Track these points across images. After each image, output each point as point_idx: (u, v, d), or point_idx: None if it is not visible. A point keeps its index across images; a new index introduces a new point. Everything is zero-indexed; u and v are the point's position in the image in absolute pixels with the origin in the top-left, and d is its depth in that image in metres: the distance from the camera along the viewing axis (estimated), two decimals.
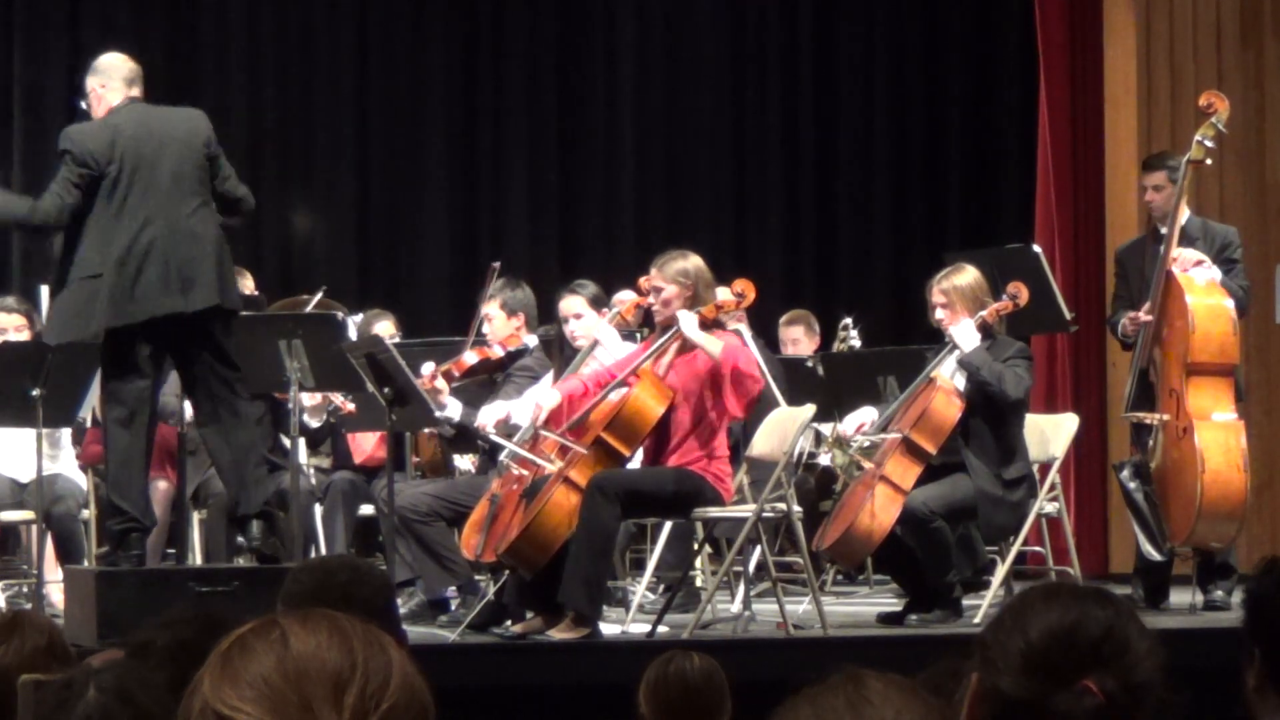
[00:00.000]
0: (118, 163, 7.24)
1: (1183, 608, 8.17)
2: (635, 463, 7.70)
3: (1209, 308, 8.12)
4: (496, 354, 8.64)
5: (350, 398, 8.94)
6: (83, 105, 7.58)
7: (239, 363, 7.44)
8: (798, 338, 10.41)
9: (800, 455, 8.47)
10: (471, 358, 8.63)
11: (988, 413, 7.90)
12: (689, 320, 7.47)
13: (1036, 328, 9.69)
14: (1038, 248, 9.59)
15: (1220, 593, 8.20)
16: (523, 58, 12.17)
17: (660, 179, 12.33)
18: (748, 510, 7.53)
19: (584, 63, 12.32)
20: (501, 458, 7.86)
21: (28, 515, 8.57)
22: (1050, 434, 8.24)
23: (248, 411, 7.57)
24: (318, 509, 8.98)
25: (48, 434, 8.20)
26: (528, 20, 12.19)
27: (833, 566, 9.43)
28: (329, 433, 9.38)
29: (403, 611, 7.61)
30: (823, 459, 9.08)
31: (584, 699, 6.17)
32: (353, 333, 8.80)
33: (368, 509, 9.01)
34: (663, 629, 7.51)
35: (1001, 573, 7.99)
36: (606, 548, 7.37)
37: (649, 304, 7.80)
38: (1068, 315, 9.22)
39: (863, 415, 8.14)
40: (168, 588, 7.11)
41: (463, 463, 9.09)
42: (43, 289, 9.62)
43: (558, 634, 7.10)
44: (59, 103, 11.36)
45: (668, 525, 8.49)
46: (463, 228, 12.06)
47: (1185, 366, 8.10)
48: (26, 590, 8.77)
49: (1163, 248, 8.25)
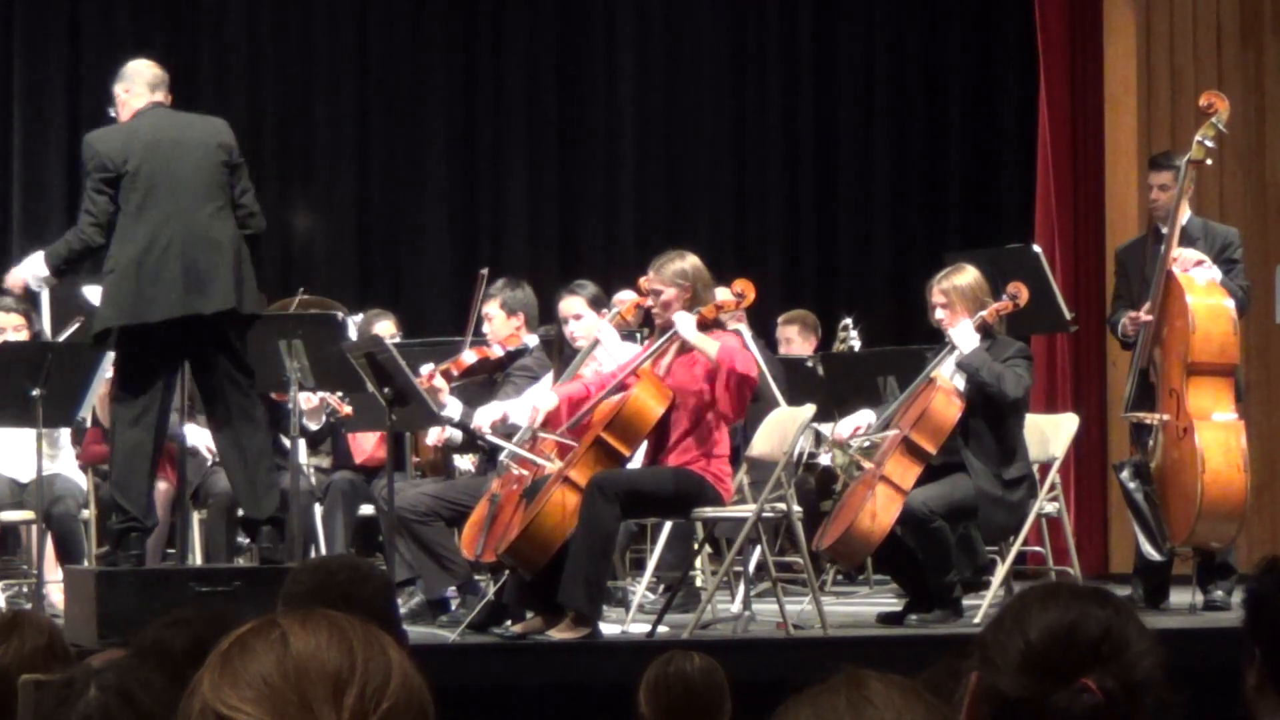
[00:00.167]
0: (135, 164, 7.28)
1: (1183, 608, 8.17)
2: (635, 463, 7.70)
3: (1209, 308, 8.12)
4: (496, 354, 8.64)
5: (347, 399, 8.93)
6: (111, 113, 7.65)
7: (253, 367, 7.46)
8: (791, 337, 10.40)
9: (800, 455, 8.47)
10: (470, 357, 8.62)
11: (987, 413, 7.89)
12: (686, 322, 7.48)
13: (1036, 328, 9.69)
14: (1038, 248, 9.59)
15: (1220, 593, 8.20)
16: (523, 58, 12.17)
17: (660, 179, 12.32)
18: (748, 510, 7.52)
19: (584, 63, 12.32)
20: (501, 458, 7.86)
21: (28, 515, 8.57)
22: (1050, 434, 8.23)
23: (261, 417, 7.56)
24: (318, 509, 8.98)
25: (47, 434, 8.20)
26: (528, 20, 12.19)
27: (833, 566, 9.43)
28: (328, 433, 9.38)
29: (403, 611, 7.60)
30: (823, 459, 9.08)
31: (584, 699, 6.17)
32: (353, 333, 8.80)
33: (368, 509, 9.01)
34: (663, 629, 7.51)
35: (1001, 573, 7.99)
36: (606, 548, 7.37)
37: (649, 304, 7.80)
38: (1068, 315, 9.23)
39: (859, 419, 8.14)
40: (168, 588, 7.11)
41: (463, 463, 9.09)
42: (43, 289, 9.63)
43: (558, 634, 7.10)
44: (59, 105, 11.37)
45: (668, 525, 8.49)
46: (463, 228, 12.06)
47: (1185, 366, 8.10)
48: (26, 590, 8.76)
49: (1163, 248, 8.26)
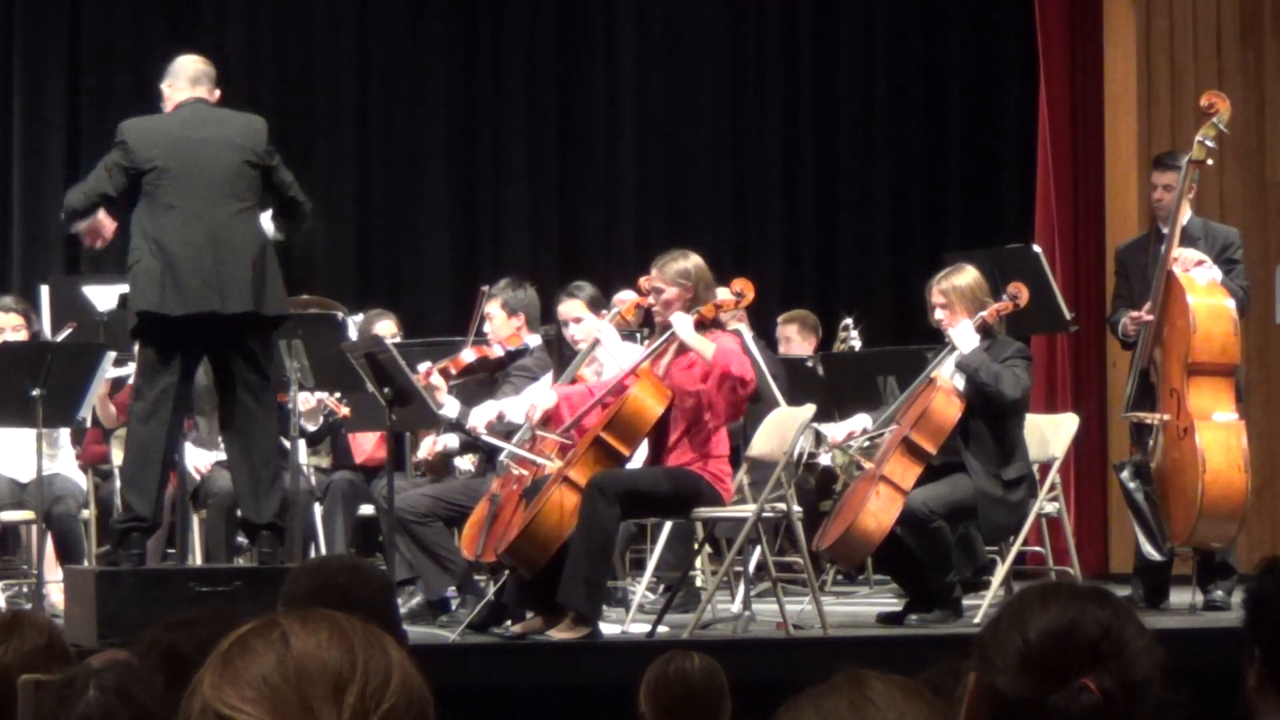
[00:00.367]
0: (161, 161, 7.29)
1: (1183, 608, 8.17)
2: (635, 463, 7.70)
3: (1210, 308, 8.11)
4: (496, 353, 8.64)
5: (345, 400, 8.92)
6: (163, 109, 7.69)
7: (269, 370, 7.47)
8: (791, 336, 10.40)
9: (800, 455, 8.47)
10: (469, 356, 8.63)
11: (987, 413, 7.89)
12: (683, 323, 7.47)
13: (1036, 328, 9.69)
14: (1038, 248, 9.59)
15: (1220, 593, 8.20)
16: (523, 58, 12.16)
17: (660, 179, 12.32)
18: (748, 510, 7.52)
19: (584, 63, 12.31)
20: (501, 458, 7.86)
21: (28, 515, 8.57)
22: (1050, 434, 8.23)
23: (272, 423, 7.56)
24: (318, 509, 8.97)
25: (46, 434, 8.20)
26: (528, 20, 12.18)
27: (833, 566, 9.42)
28: (327, 433, 9.37)
29: (403, 611, 7.60)
30: (823, 459, 9.08)
31: (584, 699, 6.16)
32: (353, 333, 8.80)
33: (368, 509, 9.00)
34: (663, 629, 7.51)
35: (1001, 573, 7.99)
36: (606, 548, 7.36)
37: (649, 304, 7.79)
38: (1068, 315, 9.23)
39: (854, 423, 8.14)
40: (168, 588, 7.10)
41: (463, 463, 9.08)
42: (43, 289, 9.64)
43: (558, 634, 7.10)
44: (59, 108, 11.36)
45: (668, 525, 8.49)
46: (463, 228, 12.05)
47: (1186, 366, 8.09)
48: (26, 590, 8.76)
49: (1164, 248, 8.26)
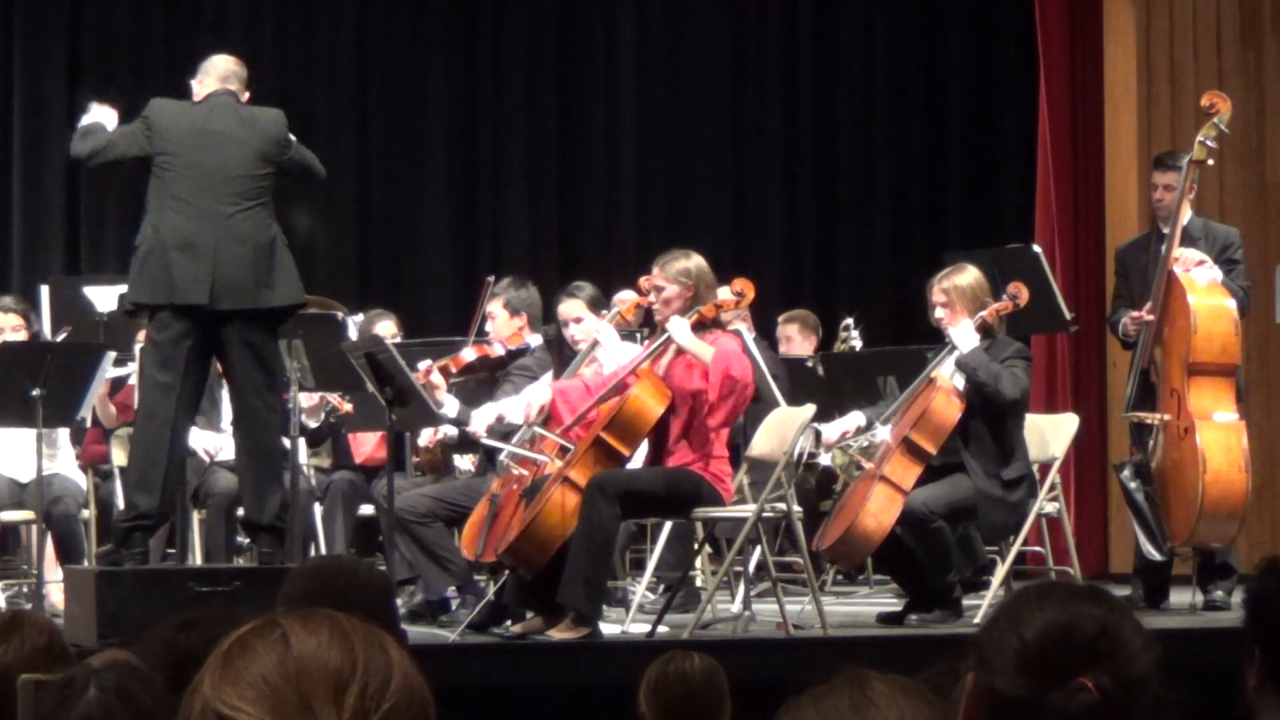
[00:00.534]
0: (175, 148, 7.33)
1: (1183, 608, 8.17)
2: (635, 463, 7.70)
3: (1211, 308, 8.12)
4: (496, 352, 8.64)
5: (348, 397, 8.93)
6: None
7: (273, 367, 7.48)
8: (792, 336, 10.40)
9: (800, 455, 8.46)
10: (470, 354, 8.63)
11: (986, 413, 7.89)
12: (680, 327, 7.46)
13: (1036, 328, 9.69)
14: (1038, 248, 9.59)
15: (1220, 593, 8.20)
16: (523, 58, 12.16)
17: (660, 179, 12.32)
18: (748, 510, 7.52)
19: (584, 63, 12.31)
20: (501, 458, 7.86)
21: (28, 515, 8.57)
22: (1050, 434, 8.23)
23: (275, 421, 7.55)
24: (318, 509, 8.97)
25: (46, 434, 8.19)
26: (528, 20, 12.18)
27: (833, 566, 9.42)
28: (329, 433, 9.37)
29: (403, 611, 7.61)
30: (823, 459, 9.08)
31: (584, 699, 6.16)
32: (353, 333, 8.80)
33: (368, 509, 9.00)
34: (663, 629, 7.50)
35: (1001, 573, 7.99)
36: (606, 548, 7.36)
37: (649, 304, 7.79)
38: (1068, 315, 9.23)
39: (847, 422, 8.14)
40: (168, 588, 7.10)
41: (463, 463, 9.09)
42: (43, 289, 9.64)
43: (558, 634, 7.10)
44: (59, 111, 11.35)
45: (668, 525, 8.49)
46: (463, 228, 12.05)
47: (1186, 366, 8.10)
48: (26, 590, 8.76)
49: (1164, 248, 8.26)
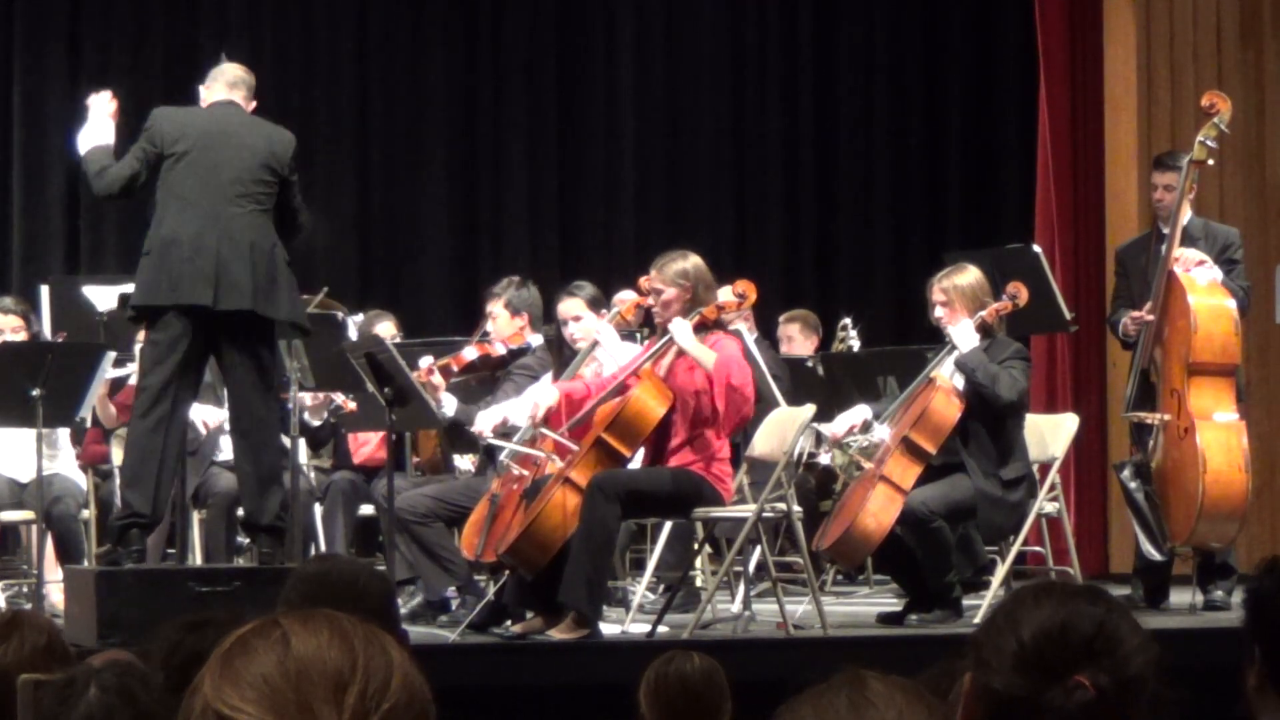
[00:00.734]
0: (185, 146, 7.34)
1: (1183, 608, 8.17)
2: (635, 463, 7.69)
3: (1211, 308, 8.12)
4: (498, 351, 8.64)
5: (352, 396, 8.93)
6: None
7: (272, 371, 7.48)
8: (793, 335, 10.41)
9: (800, 455, 8.46)
10: (471, 353, 8.63)
11: (986, 413, 7.89)
12: (682, 329, 7.46)
13: (1036, 328, 9.70)
14: (1038, 248, 9.59)
15: (1220, 593, 8.20)
16: (523, 58, 12.16)
17: (660, 179, 12.32)
18: (748, 510, 7.52)
19: (584, 62, 12.31)
20: (501, 457, 7.86)
21: (28, 515, 8.57)
22: (1050, 434, 8.23)
23: (271, 420, 7.55)
24: (318, 509, 8.97)
25: (46, 434, 8.20)
26: (528, 20, 12.19)
27: (833, 566, 9.42)
28: (330, 433, 9.37)
29: (403, 611, 7.60)
30: (823, 459, 9.08)
31: (584, 699, 6.17)
32: (353, 333, 8.80)
33: (368, 509, 9.00)
34: (663, 629, 7.50)
35: (1001, 573, 7.99)
36: (607, 548, 7.36)
37: (649, 304, 7.79)
38: (1068, 315, 9.23)
39: (854, 415, 8.13)
40: (168, 588, 7.09)
41: (463, 463, 9.09)
42: (43, 289, 9.64)
43: (558, 634, 7.10)
44: (59, 111, 11.35)
45: (668, 525, 8.49)
46: (463, 228, 12.05)
47: (1187, 366, 8.10)
48: (26, 590, 8.76)
49: (1164, 248, 8.26)
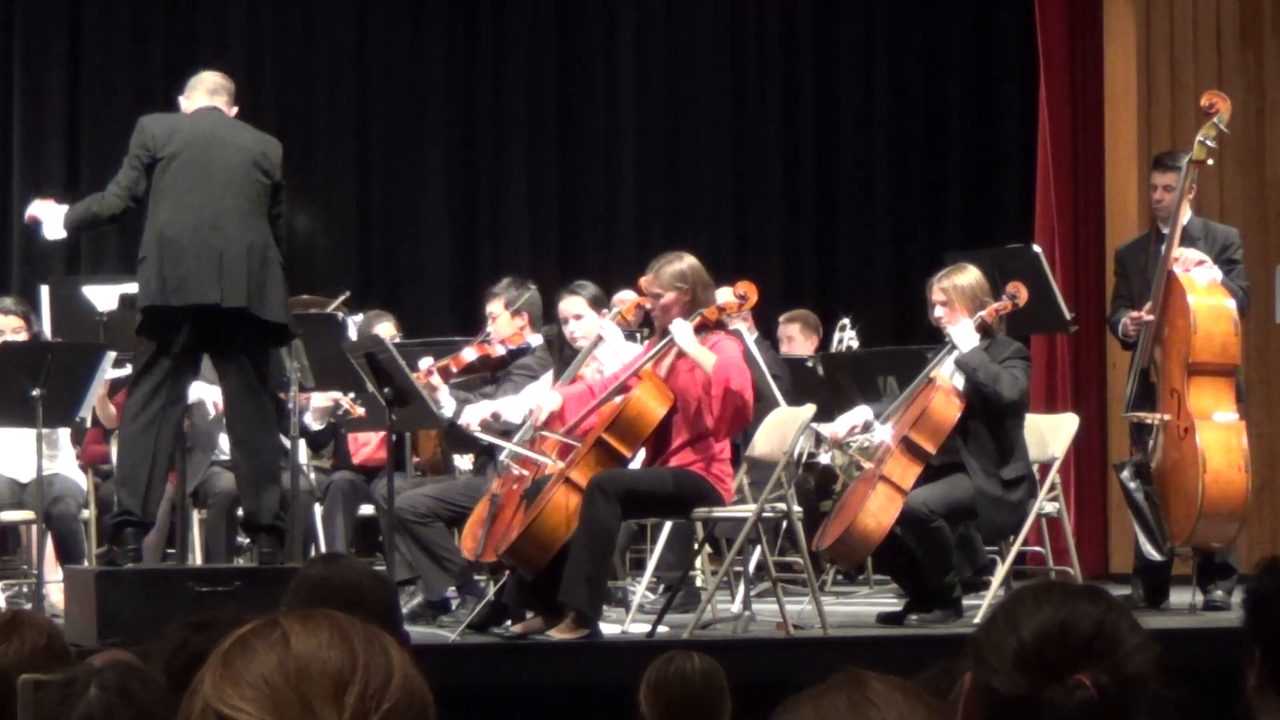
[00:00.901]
0: (176, 148, 7.36)
1: (1183, 608, 8.17)
2: (636, 463, 7.69)
3: (1210, 308, 8.12)
4: (498, 352, 8.64)
5: (358, 400, 8.92)
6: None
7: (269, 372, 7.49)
8: (793, 335, 10.41)
9: (800, 455, 8.46)
10: (471, 354, 8.63)
11: (986, 413, 7.89)
12: (683, 331, 7.45)
13: (1036, 328, 9.69)
14: (1038, 248, 9.59)
15: (1220, 593, 8.20)
16: (523, 58, 12.16)
17: (660, 179, 12.32)
18: (748, 510, 7.52)
19: (584, 62, 12.31)
20: (502, 457, 7.86)
21: (28, 515, 8.57)
22: (1050, 434, 8.23)
23: (268, 419, 7.55)
24: (318, 509, 8.97)
25: (46, 434, 8.20)
26: (528, 20, 12.19)
27: (833, 566, 9.42)
28: (330, 436, 9.36)
29: (403, 611, 7.60)
30: (823, 459, 9.08)
31: (584, 699, 6.16)
32: (353, 333, 8.80)
33: (368, 509, 9.00)
34: (663, 629, 7.50)
35: (1001, 573, 7.99)
36: (607, 548, 7.36)
37: (649, 304, 7.78)
38: (1067, 315, 9.23)
39: (855, 416, 8.13)
40: (168, 588, 7.10)
41: (463, 463, 9.09)
42: (43, 289, 9.63)
43: (558, 634, 7.10)
44: (59, 110, 11.36)
45: (668, 525, 8.49)
46: (463, 228, 12.06)
47: (1186, 366, 8.10)
48: (26, 590, 8.76)
49: (1164, 248, 8.26)
